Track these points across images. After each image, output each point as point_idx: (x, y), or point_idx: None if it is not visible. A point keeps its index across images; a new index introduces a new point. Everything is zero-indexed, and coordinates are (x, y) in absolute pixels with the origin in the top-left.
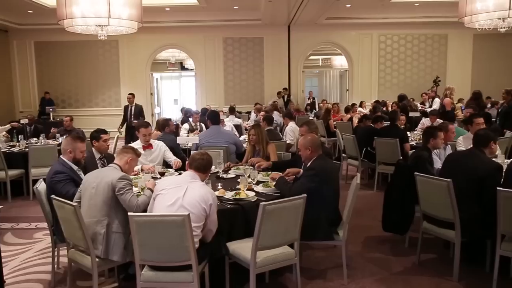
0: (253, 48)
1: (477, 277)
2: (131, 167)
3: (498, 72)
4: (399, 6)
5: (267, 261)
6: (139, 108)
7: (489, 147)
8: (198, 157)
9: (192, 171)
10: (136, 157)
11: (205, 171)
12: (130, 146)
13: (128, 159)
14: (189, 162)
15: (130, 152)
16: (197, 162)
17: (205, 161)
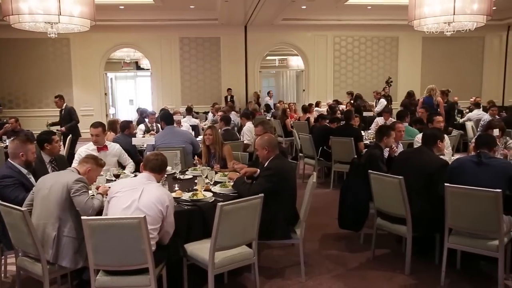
0: (210, 48)
1: (427, 269)
2: (90, 177)
3: (445, 73)
4: (352, 9)
5: (226, 262)
6: (68, 110)
7: (437, 146)
8: (153, 157)
9: (147, 172)
10: (97, 167)
11: (160, 171)
12: (92, 155)
13: (87, 168)
14: (144, 163)
15: (90, 162)
16: (152, 163)
17: (160, 162)
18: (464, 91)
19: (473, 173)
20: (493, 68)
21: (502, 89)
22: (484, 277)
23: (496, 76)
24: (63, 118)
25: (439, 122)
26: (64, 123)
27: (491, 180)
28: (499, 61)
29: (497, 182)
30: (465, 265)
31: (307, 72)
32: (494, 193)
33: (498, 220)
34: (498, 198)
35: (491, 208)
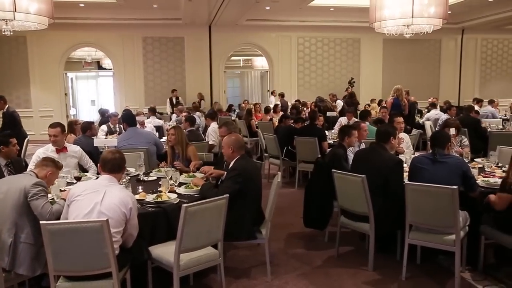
0: (173, 48)
1: (390, 265)
2: (50, 181)
3: (405, 74)
4: (316, 10)
5: (191, 263)
6: (10, 114)
7: (390, 143)
8: (110, 156)
9: (107, 173)
10: (57, 170)
11: (120, 170)
12: (50, 158)
13: (47, 172)
14: (102, 165)
15: (50, 165)
16: (111, 163)
17: (119, 160)
18: (423, 92)
19: (430, 170)
20: (449, 70)
21: (458, 89)
22: (442, 270)
23: (452, 77)
24: (4, 122)
25: (399, 123)
26: (6, 127)
27: (446, 176)
28: (455, 63)
29: (452, 178)
30: (424, 259)
31: (271, 73)
32: (451, 190)
33: (455, 215)
34: (454, 194)
35: (448, 204)
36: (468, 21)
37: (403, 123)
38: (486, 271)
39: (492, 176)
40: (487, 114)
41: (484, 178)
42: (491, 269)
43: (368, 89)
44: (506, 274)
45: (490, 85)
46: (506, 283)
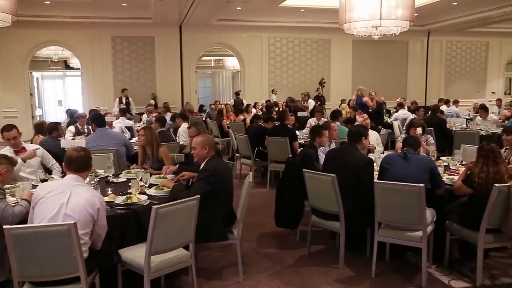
0: (143, 47)
1: (360, 262)
2: (5, 179)
3: (374, 74)
4: (286, 11)
5: (162, 265)
6: None
7: (361, 143)
8: (75, 154)
9: (73, 173)
10: (11, 167)
11: (86, 168)
12: (3, 155)
13: (2, 170)
14: (67, 164)
15: (4, 163)
16: (76, 162)
17: (84, 158)
18: (391, 92)
19: (401, 166)
20: (416, 70)
21: (425, 90)
22: (410, 266)
23: (419, 78)
24: None
25: (364, 120)
26: None
27: (416, 173)
28: (421, 64)
29: (421, 175)
30: (393, 256)
31: (242, 73)
32: (418, 188)
33: (422, 212)
34: (421, 192)
35: (415, 201)
36: (434, 23)
37: (368, 120)
38: (451, 266)
39: (456, 174)
40: (451, 114)
41: (449, 176)
42: (456, 264)
43: (338, 89)
44: (469, 268)
45: (454, 86)
46: (469, 276)
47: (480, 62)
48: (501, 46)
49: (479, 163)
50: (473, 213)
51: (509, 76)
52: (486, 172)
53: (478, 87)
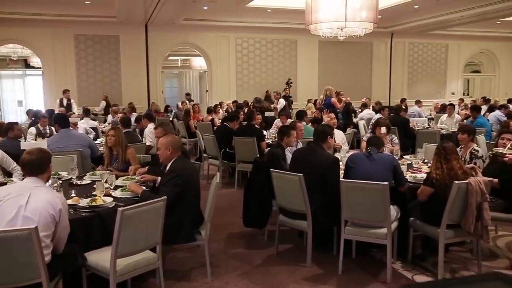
0: (108, 46)
1: (327, 260)
2: None
3: (340, 75)
4: (253, 11)
5: (128, 268)
6: None
7: (327, 142)
8: (27, 158)
9: (30, 175)
10: None
11: (42, 170)
12: None
13: None
14: (21, 167)
15: None
16: (29, 165)
17: (36, 160)
18: (356, 92)
19: (366, 165)
20: (380, 71)
21: (388, 90)
22: (375, 262)
23: (383, 79)
24: None
25: (331, 120)
26: None
27: (380, 171)
28: (385, 65)
29: (385, 173)
30: (359, 253)
31: (210, 73)
32: (382, 186)
33: (386, 210)
34: (385, 190)
35: (380, 199)
36: (397, 25)
37: (335, 119)
38: (414, 261)
39: (419, 172)
40: (414, 114)
41: (412, 174)
42: (419, 259)
43: (305, 89)
44: (432, 263)
45: (417, 86)
46: (431, 271)
47: (440, 63)
48: (459, 48)
49: (434, 161)
50: (434, 209)
51: (467, 77)
52: (441, 169)
53: (438, 88)
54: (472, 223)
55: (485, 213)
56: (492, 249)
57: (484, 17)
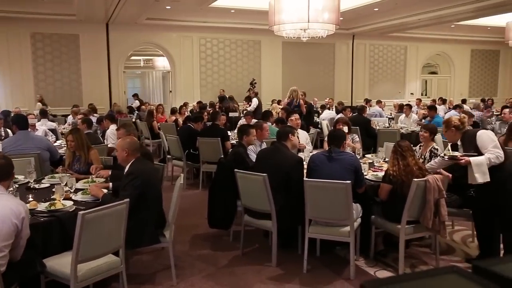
0: (67, 46)
1: (292, 259)
2: None
3: (303, 75)
4: (217, 11)
5: (90, 274)
6: None
7: (289, 140)
8: None
9: None
10: None
11: (8, 176)
12: None
13: None
14: None
15: None
16: None
17: (5, 165)
18: (320, 92)
19: (326, 166)
20: (343, 72)
21: (351, 90)
22: (339, 260)
23: (345, 79)
24: None
25: (295, 120)
26: None
27: (341, 172)
28: (347, 65)
29: (345, 173)
30: (323, 251)
31: (173, 73)
32: (345, 184)
33: (349, 208)
34: (348, 189)
35: (342, 198)
36: (358, 27)
37: (299, 120)
38: (376, 258)
39: (380, 171)
40: (375, 114)
41: (373, 173)
42: (381, 255)
43: (269, 90)
44: (393, 259)
45: (377, 87)
46: (393, 266)
47: (399, 64)
48: (417, 50)
49: (392, 159)
50: (394, 207)
51: (425, 78)
52: (397, 165)
53: (398, 88)
54: (430, 219)
55: (442, 209)
56: (449, 244)
57: (439, 20)
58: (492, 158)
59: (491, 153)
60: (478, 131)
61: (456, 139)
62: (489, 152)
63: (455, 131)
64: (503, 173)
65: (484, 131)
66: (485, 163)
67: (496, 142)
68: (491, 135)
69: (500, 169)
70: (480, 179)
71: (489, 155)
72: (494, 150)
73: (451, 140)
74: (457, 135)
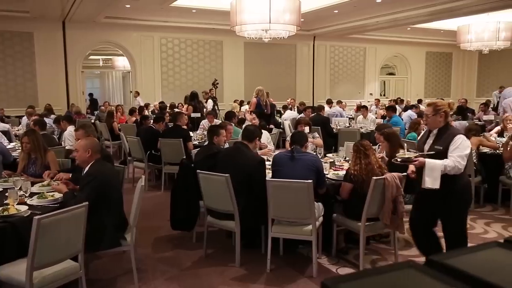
0: (21, 44)
1: (255, 259)
2: None
3: (265, 76)
4: (178, 11)
5: (47, 280)
6: None
7: (254, 142)
8: None
9: None
10: None
11: None
12: None
13: None
14: None
15: None
16: None
17: None
18: (282, 93)
19: (288, 166)
20: (304, 73)
21: (312, 91)
22: (302, 258)
23: (307, 80)
24: None
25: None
26: None
27: (303, 171)
28: (308, 66)
29: (307, 173)
30: (287, 251)
31: (134, 73)
32: (306, 184)
33: (311, 207)
34: (309, 188)
35: (304, 197)
36: (318, 29)
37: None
38: (338, 255)
39: (341, 170)
40: (335, 114)
41: (334, 172)
42: (342, 253)
43: (232, 90)
44: (354, 256)
45: (338, 87)
46: (354, 263)
47: (359, 66)
48: (376, 52)
49: (354, 158)
50: (354, 204)
51: (383, 79)
52: (359, 164)
53: (358, 89)
54: (389, 216)
55: (400, 206)
56: (406, 239)
57: (396, 23)
58: (450, 166)
59: (452, 161)
60: (460, 134)
61: (437, 126)
62: (451, 158)
63: (444, 117)
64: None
65: (465, 137)
66: (440, 169)
67: (466, 154)
68: (467, 144)
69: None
70: (428, 184)
71: (449, 162)
72: (457, 159)
73: (432, 126)
74: (441, 123)
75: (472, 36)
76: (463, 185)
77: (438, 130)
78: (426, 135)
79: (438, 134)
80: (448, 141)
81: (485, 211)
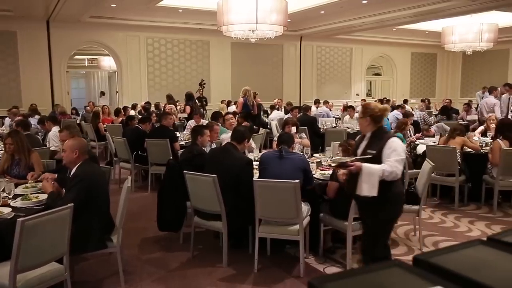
0: (4, 43)
1: (243, 259)
2: None
3: (252, 76)
4: (164, 11)
5: (31, 283)
6: None
7: (243, 144)
8: None
9: None
10: None
11: None
12: None
13: None
14: None
15: None
16: None
17: None
18: (269, 93)
19: (276, 165)
20: (291, 73)
21: (299, 91)
22: (289, 258)
23: (294, 80)
24: None
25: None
26: None
27: (290, 171)
28: (295, 66)
29: (295, 172)
30: (274, 251)
31: (120, 73)
32: (293, 184)
33: (298, 207)
34: (296, 188)
35: (291, 197)
36: (305, 29)
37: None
38: (325, 254)
39: (328, 169)
40: (322, 114)
41: (321, 171)
42: (330, 252)
43: (219, 90)
44: (341, 255)
45: (325, 87)
46: (341, 262)
47: (345, 66)
48: (362, 52)
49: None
50: (341, 204)
51: (370, 79)
52: None
53: (345, 89)
54: None
55: None
56: (393, 238)
57: (382, 24)
58: (387, 171)
59: (390, 165)
60: (394, 137)
61: (367, 130)
62: (388, 163)
63: (370, 122)
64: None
65: (399, 141)
66: (378, 174)
67: (402, 158)
68: (404, 148)
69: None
70: (365, 191)
71: (386, 167)
72: (394, 164)
73: (361, 129)
74: (369, 127)
75: (456, 37)
76: (397, 194)
77: (372, 133)
78: (360, 139)
79: (371, 137)
80: (381, 145)
81: (469, 210)
